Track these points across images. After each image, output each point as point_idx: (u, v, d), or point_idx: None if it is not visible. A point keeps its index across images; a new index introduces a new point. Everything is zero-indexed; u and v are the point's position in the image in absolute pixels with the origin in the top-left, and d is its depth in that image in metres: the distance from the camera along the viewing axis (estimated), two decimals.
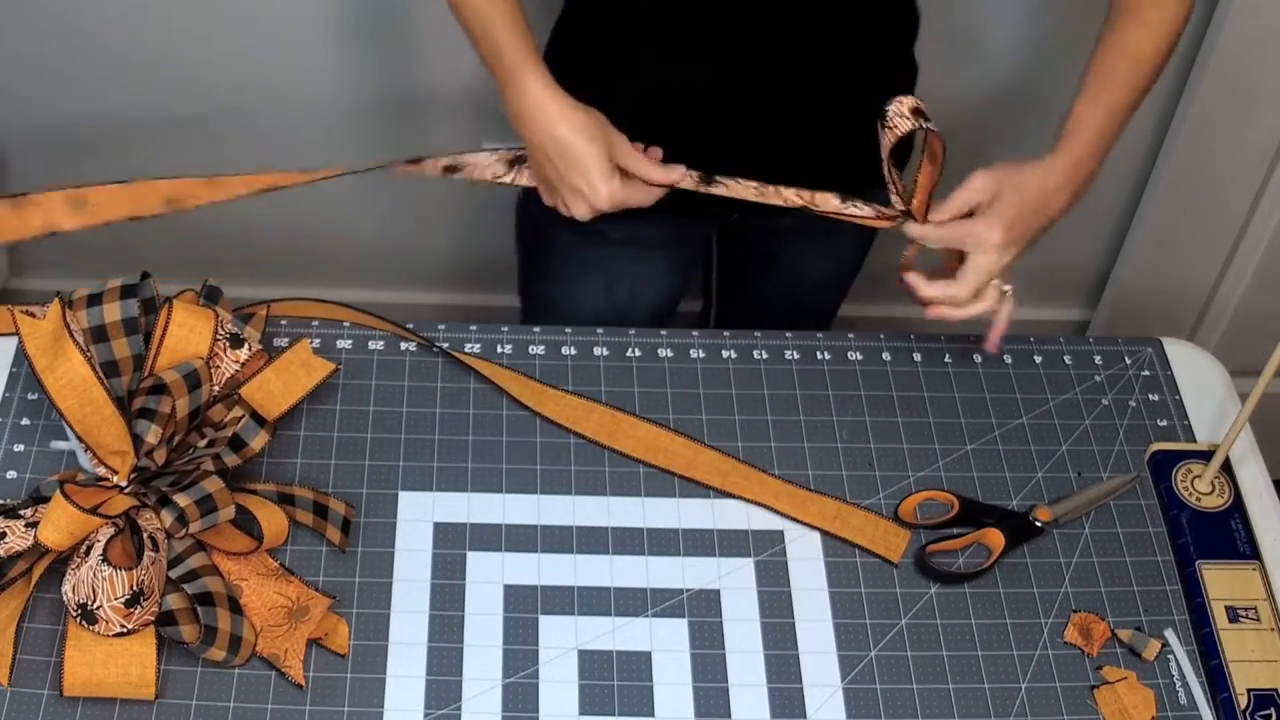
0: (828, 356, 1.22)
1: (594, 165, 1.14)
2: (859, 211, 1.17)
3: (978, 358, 1.23)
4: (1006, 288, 1.14)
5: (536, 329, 1.21)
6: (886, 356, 1.22)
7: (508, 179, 1.22)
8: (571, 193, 1.16)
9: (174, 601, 0.97)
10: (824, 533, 1.10)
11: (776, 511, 1.11)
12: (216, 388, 1.07)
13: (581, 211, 1.16)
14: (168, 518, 0.98)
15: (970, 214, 1.13)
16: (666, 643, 1.03)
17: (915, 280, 1.14)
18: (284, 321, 1.20)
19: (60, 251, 1.91)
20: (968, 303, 1.12)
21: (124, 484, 1.01)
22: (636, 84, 1.24)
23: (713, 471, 1.13)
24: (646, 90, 1.23)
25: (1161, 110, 1.73)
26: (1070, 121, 1.17)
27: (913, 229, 1.14)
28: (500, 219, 1.53)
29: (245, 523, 1.03)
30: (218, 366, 1.08)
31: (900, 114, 1.11)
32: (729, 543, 1.09)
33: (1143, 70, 1.18)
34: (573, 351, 1.20)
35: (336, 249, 1.95)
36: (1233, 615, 1.07)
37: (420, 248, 1.96)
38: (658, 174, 1.16)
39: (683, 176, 1.17)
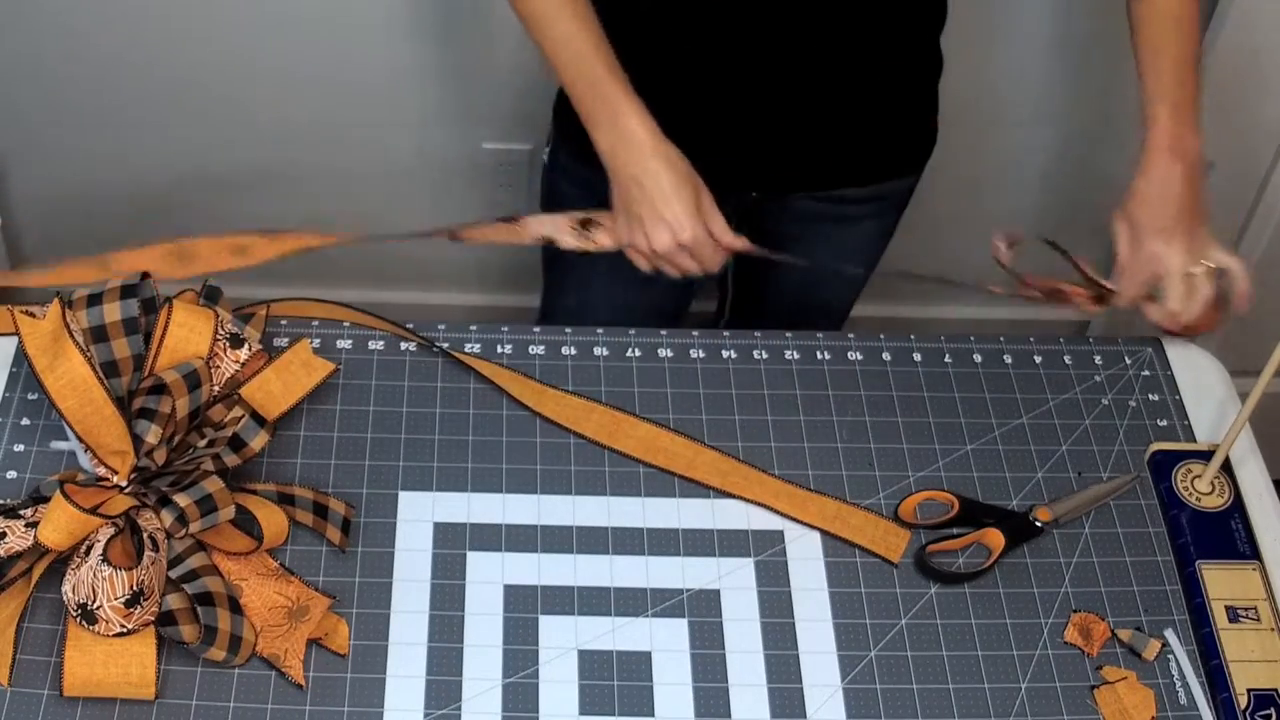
0: (828, 356, 1.22)
1: (685, 198, 1.15)
2: (1071, 289, 1.22)
3: (978, 358, 1.23)
4: (1204, 265, 1.17)
5: (536, 329, 1.21)
6: (886, 356, 1.22)
7: (575, 244, 1.22)
8: (656, 223, 1.16)
9: (174, 601, 0.97)
10: (824, 533, 1.10)
11: (777, 512, 1.11)
12: (216, 388, 1.07)
13: (664, 242, 1.16)
14: (168, 518, 0.98)
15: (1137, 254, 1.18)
16: (666, 643, 1.03)
17: (1149, 309, 1.20)
18: (284, 321, 1.20)
19: (60, 252, 1.92)
20: (1190, 310, 1.18)
21: (124, 484, 1.01)
22: (657, 73, 1.23)
23: (713, 471, 1.13)
24: (669, 79, 1.23)
25: None
26: (1144, 108, 1.20)
27: (1119, 302, 1.21)
28: None
29: (245, 523, 1.03)
30: (218, 366, 1.08)
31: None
32: (729, 543, 1.09)
33: (1186, 25, 1.19)
34: (573, 351, 1.20)
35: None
36: (1233, 615, 1.07)
37: (420, 247, 1.96)
38: (730, 236, 1.18)
39: (750, 248, 1.20)
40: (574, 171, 1.38)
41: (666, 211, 1.15)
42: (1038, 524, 1.11)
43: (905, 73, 1.30)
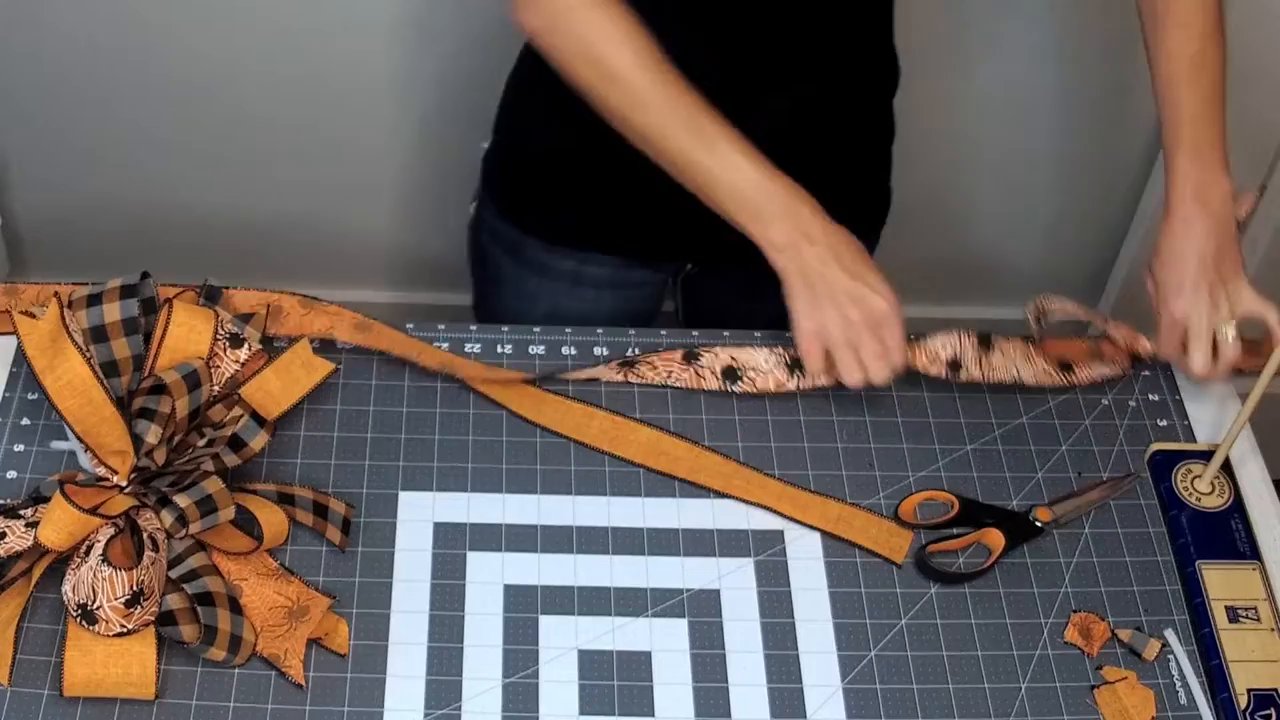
0: None
1: (877, 275, 1.10)
2: (1109, 369, 1.22)
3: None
4: (1230, 321, 1.15)
5: (537, 329, 1.21)
6: None
7: (792, 385, 1.17)
8: (852, 292, 1.10)
9: (174, 601, 0.97)
10: (827, 534, 1.10)
11: (779, 514, 1.11)
12: (216, 388, 1.07)
13: (895, 336, 1.11)
14: (168, 518, 0.98)
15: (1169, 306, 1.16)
16: (666, 643, 1.03)
17: (1182, 364, 1.18)
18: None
19: (60, 251, 1.92)
20: (1219, 369, 1.15)
21: (124, 484, 1.01)
22: (597, 134, 1.14)
23: (715, 475, 1.12)
24: (608, 142, 1.13)
25: None
26: (1165, 158, 1.16)
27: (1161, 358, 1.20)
28: None
29: (245, 523, 1.03)
30: (218, 366, 1.08)
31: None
32: (729, 543, 1.09)
33: (1204, 63, 1.15)
34: (573, 352, 1.20)
35: (337, 248, 1.95)
36: (1233, 615, 1.07)
37: (420, 247, 1.96)
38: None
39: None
40: (502, 233, 1.33)
41: (873, 279, 1.09)
42: (1038, 524, 1.11)
43: (856, 140, 1.27)
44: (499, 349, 1.20)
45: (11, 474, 1.07)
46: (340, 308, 1.17)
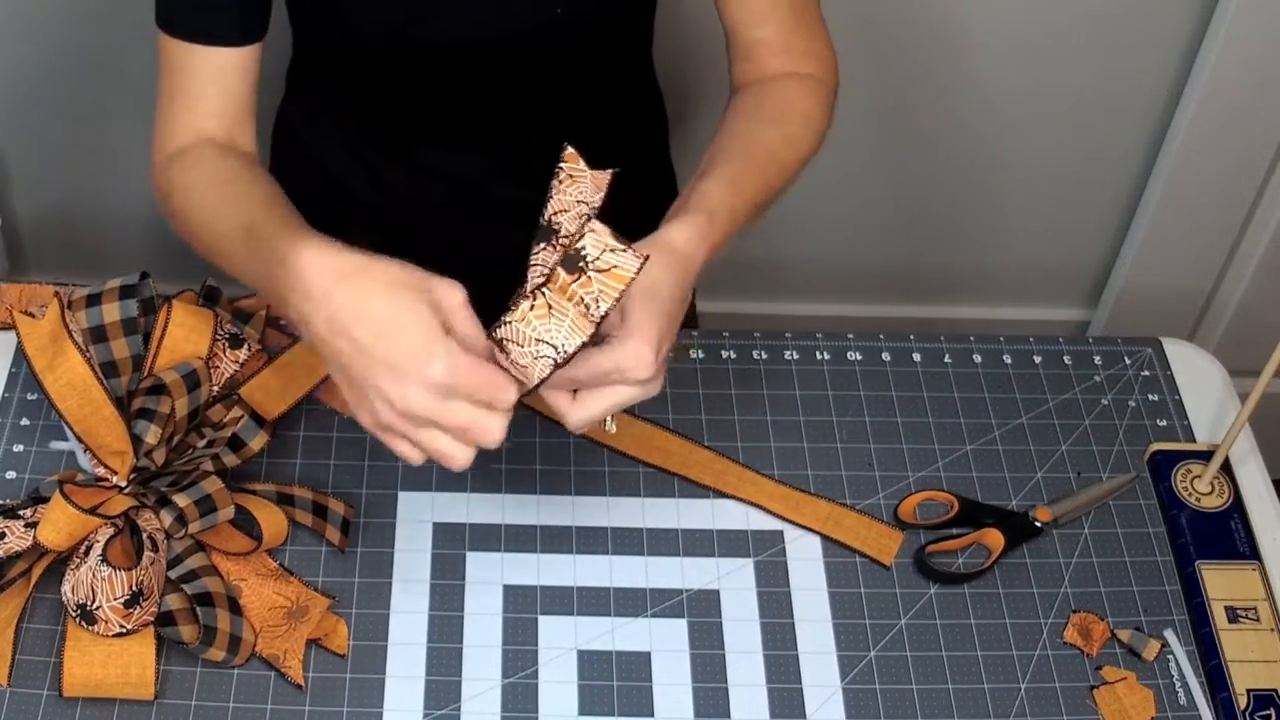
0: (827, 356, 1.22)
1: (417, 326, 0.81)
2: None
3: (977, 358, 1.23)
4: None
5: None
6: (886, 356, 1.22)
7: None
8: (390, 378, 0.81)
9: (173, 602, 0.97)
10: (818, 534, 1.10)
11: (771, 513, 1.11)
12: (216, 388, 1.07)
13: (412, 404, 0.81)
14: (167, 518, 0.98)
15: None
16: (666, 643, 1.03)
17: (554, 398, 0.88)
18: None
19: (60, 251, 1.92)
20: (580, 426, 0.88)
21: (123, 484, 1.01)
22: (366, 179, 1.13)
23: (707, 471, 1.12)
24: (383, 183, 1.11)
25: (1161, 110, 1.73)
26: (704, 199, 0.95)
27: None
28: None
29: (245, 523, 1.03)
30: (217, 366, 1.08)
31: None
32: (728, 543, 1.09)
33: (778, 174, 1.02)
34: None
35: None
36: (1232, 615, 1.07)
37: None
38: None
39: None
40: None
41: (403, 360, 0.80)
42: (1037, 524, 1.11)
43: (633, 178, 1.20)
44: None
45: (11, 474, 1.07)
46: None
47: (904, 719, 1.01)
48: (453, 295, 0.83)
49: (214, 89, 1.04)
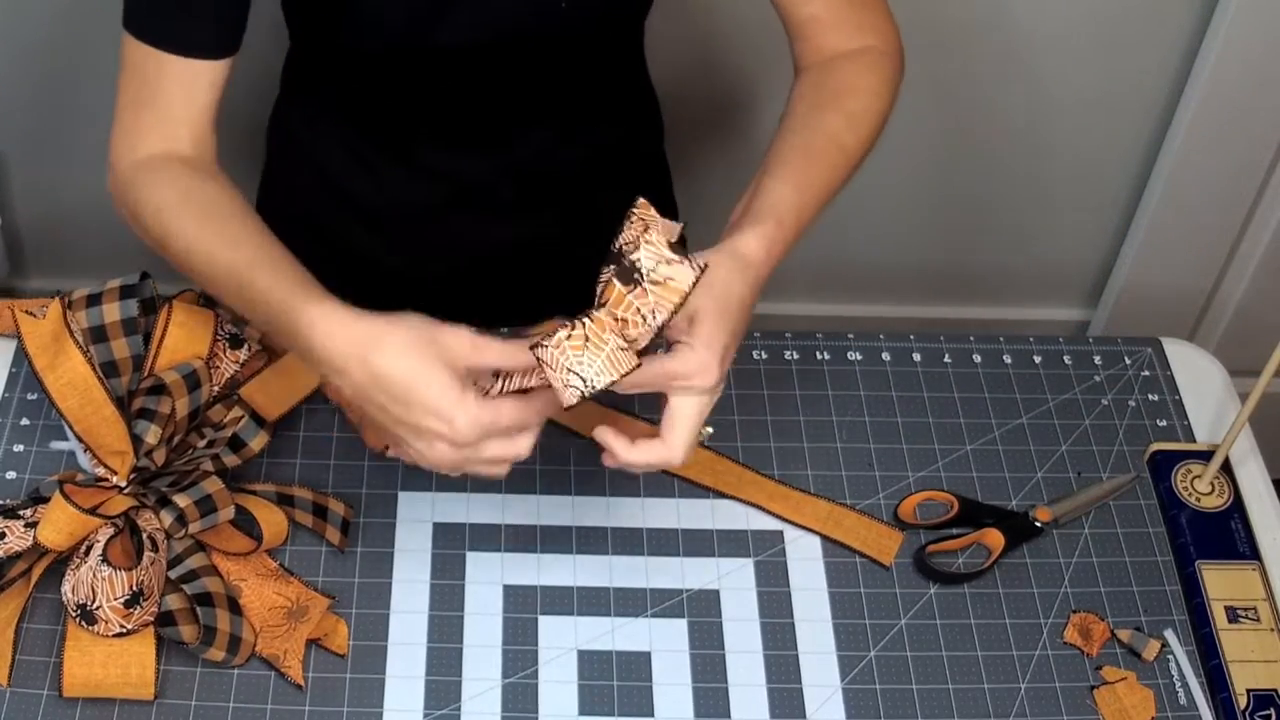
0: (827, 356, 1.22)
1: (434, 390, 0.85)
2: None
3: (977, 358, 1.23)
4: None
5: (535, 328, 1.21)
6: (886, 356, 1.22)
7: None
8: (419, 437, 0.87)
9: (173, 602, 0.97)
10: (817, 534, 1.10)
11: (771, 512, 1.11)
12: (216, 388, 1.07)
13: (444, 457, 0.88)
14: (167, 518, 0.98)
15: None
16: (666, 643, 1.03)
17: (612, 440, 0.90)
18: None
19: (60, 251, 1.92)
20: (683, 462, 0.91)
21: (123, 484, 1.01)
22: (356, 205, 1.15)
23: (706, 471, 1.12)
24: (373, 206, 1.13)
25: (1161, 110, 1.73)
26: (771, 203, 0.96)
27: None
28: None
29: (245, 523, 1.03)
30: (217, 367, 1.08)
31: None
32: (728, 543, 1.09)
33: (844, 161, 1.02)
34: None
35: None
36: (1232, 615, 1.07)
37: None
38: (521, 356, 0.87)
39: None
40: None
41: (426, 419, 0.86)
42: (1037, 524, 1.11)
43: (625, 180, 1.20)
44: None
45: (11, 474, 1.08)
46: None
47: (904, 719, 1.01)
48: (459, 345, 0.86)
49: (184, 100, 1.01)
